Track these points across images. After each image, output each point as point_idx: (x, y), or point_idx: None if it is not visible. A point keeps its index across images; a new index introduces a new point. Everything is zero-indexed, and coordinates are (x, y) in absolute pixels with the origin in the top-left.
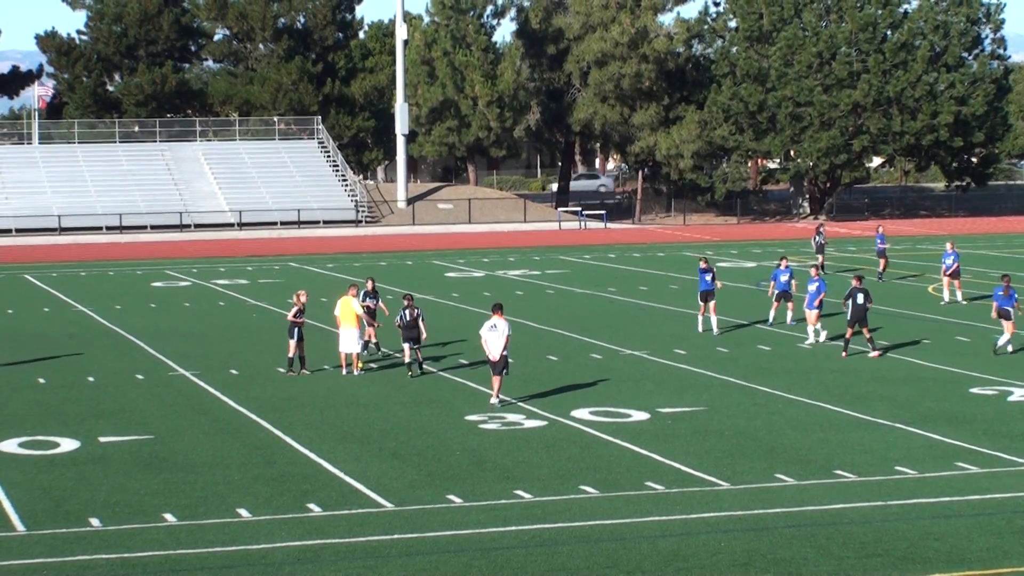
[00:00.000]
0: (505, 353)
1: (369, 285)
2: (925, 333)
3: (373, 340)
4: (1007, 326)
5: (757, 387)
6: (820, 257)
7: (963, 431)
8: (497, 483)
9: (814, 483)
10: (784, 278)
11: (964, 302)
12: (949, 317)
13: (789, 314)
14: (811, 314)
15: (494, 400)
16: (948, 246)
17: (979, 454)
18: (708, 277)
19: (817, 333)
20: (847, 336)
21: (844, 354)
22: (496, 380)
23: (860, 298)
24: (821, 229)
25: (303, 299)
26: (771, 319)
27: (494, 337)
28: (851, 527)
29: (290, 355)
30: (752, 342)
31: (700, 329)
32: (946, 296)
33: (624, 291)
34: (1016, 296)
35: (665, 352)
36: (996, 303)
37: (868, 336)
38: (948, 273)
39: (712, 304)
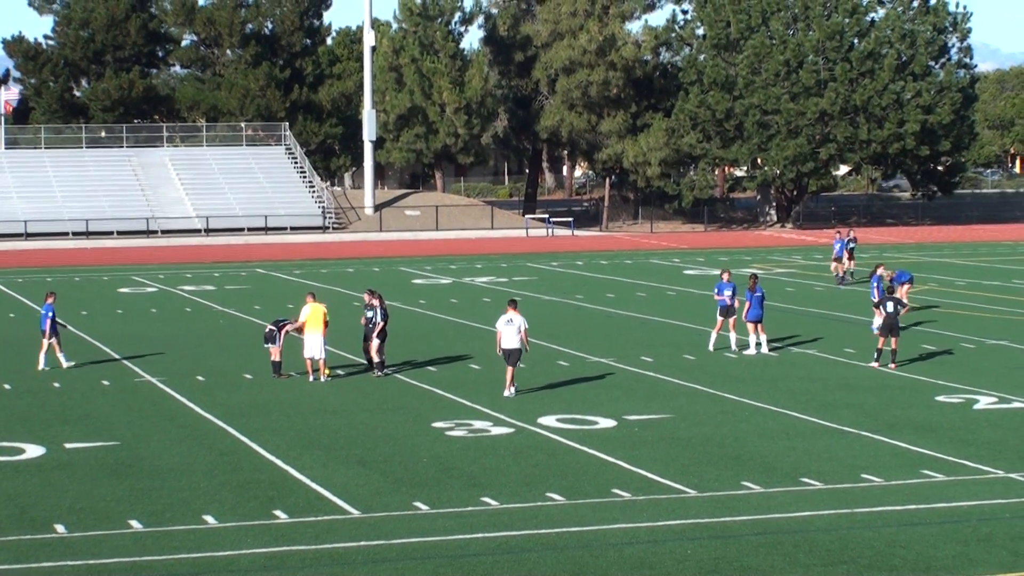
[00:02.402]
0: (517, 348)
1: (367, 298)
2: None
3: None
4: None
5: (724, 395)
6: (851, 263)
7: (929, 439)
8: (464, 490)
9: (780, 491)
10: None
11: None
12: (915, 325)
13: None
14: (750, 324)
15: (507, 392)
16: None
17: (945, 462)
18: (728, 292)
19: (759, 345)
20: (879, 346)
21: (876, 364)
22: (510, 371)
23: (891, 306)
24: (851, 235)
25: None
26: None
27: (510, 331)
28: (817, 535)
29: (277, 359)
30: (719, 350)
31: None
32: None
33: (591, 299)
34: None
35: (632, 359)
36: None
37: (894, 347)
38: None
39: (732, 320)
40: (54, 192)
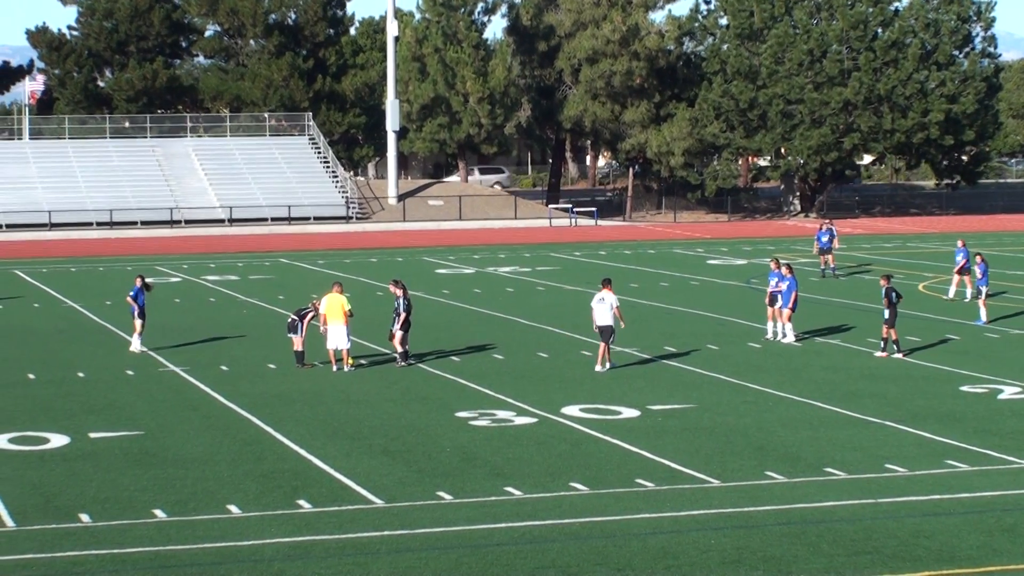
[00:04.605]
0: (611, 324)
1: (392, 288)
2: (915, 331)
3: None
4: None
5: (747, 384)
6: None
7: (953, 429)
8: (487, 480)
9: (804, 481)
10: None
11: (969, 300)
12: (940, 315)
13: (969, 291)
14: (784, 312)
15: (599, 367)
16: (959, 243)
17: (969, 452)
18: (774, 281)
19: (777, 334)
20: (893, 337)
21: (900, 355)
22: (603, 347)
23: (893, 296)
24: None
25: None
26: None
27: (602, 308)
28: (841, 525)
29: (300, 349)
30: (742, 339)
31: (768, 335)
32: (951, 292)
33: (615, 288)
34: None
35: (655, 349)
36: None
37: (889, 336)
38: (958, 270)
39: (777, 308)
40: (78, 182)
